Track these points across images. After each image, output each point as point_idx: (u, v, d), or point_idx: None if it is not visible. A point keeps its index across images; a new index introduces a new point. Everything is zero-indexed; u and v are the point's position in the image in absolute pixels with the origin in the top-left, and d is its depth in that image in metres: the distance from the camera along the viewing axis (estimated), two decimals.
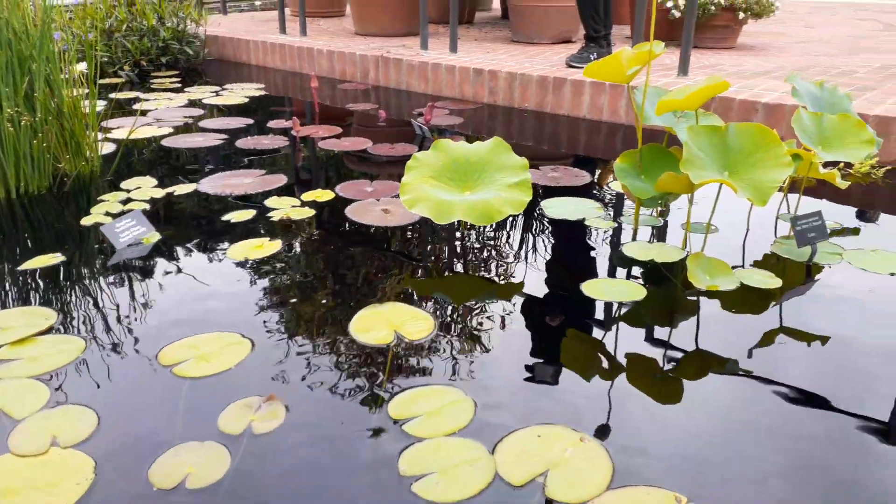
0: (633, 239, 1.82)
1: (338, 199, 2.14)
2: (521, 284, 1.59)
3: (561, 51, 3.94)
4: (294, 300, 1.52)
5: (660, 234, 1.87)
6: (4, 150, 2.08)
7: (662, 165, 1.74)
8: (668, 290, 1.56)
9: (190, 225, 1.95)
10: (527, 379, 1.23)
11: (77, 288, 1.57)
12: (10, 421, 1.11)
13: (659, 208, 1.98)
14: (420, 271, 1.67)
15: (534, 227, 1.95)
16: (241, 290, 1.56)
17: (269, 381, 1.21)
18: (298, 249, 1.79)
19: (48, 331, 1.37)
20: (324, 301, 1.51)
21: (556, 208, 2.04)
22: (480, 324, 1.41)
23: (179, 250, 1.78)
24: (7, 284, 1.58)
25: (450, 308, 1.48)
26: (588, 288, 1.55)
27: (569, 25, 4.24)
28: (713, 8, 3.81)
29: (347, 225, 1.94)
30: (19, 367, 1.25)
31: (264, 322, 1.41)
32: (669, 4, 3.92)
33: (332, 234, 1.89)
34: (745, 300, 1.50)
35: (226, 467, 1.00)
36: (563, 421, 1.11)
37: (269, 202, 2.10)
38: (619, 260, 1.71)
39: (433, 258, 1.75)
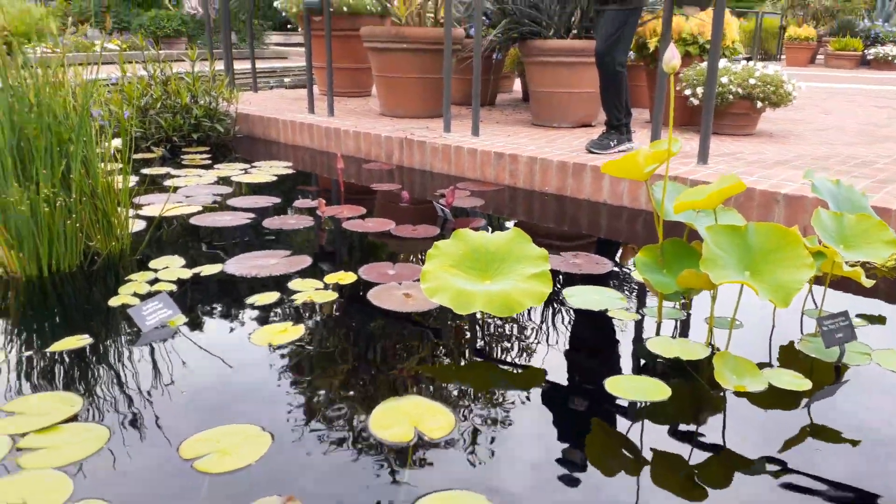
0: (657, 333, 1.81)
1: (360, 282, 2.16)
2: (544, 378, 1.58)
3: (581, 135, 4.03)
4: (314, 390, 1.51)
5: (683, 327, 1.86)
6: (39, 229, 2.14)
7: (684, 260, 1.75)
8: (695, 390, 1.53)
9: (215, 307, 1.98)
10: (549, 481, 1.21)
11: (102, 372, 1.59)
12: None
13: (682, 301, 1.97)
14: (440, 361, 1.67)
15: (556, 316, 1.95)
16: (263, 377, 1.56)
17: (288, 479, 1.20)
18: (321, 335, 1.80)
19: (73, 418, 1.38)
20: (344, 392, 1.51)
21: (579, 297, 2.04)
22: (501, 420, 1.40)
23: (204, 334, 1.79)
24: (36, 367, 1.60)
25: (470, 402, 1.47)
26: (611, 385, 1.53)
27: (588, 110, 4.35)
28: (731, 97, 3.90)
29: (369, 309, 1.95)
30: (44, 457, 1.25)
31: (284, 413, 1.41)
32: (688, 92, 4.02)
33: (353, 319, 1.91)
34: (774, 401, 1.47)
35: None
36: None
37: (292, 284, 2.13)
38: (643, 356, 1.69)
39: (453, 347, 1.75)
